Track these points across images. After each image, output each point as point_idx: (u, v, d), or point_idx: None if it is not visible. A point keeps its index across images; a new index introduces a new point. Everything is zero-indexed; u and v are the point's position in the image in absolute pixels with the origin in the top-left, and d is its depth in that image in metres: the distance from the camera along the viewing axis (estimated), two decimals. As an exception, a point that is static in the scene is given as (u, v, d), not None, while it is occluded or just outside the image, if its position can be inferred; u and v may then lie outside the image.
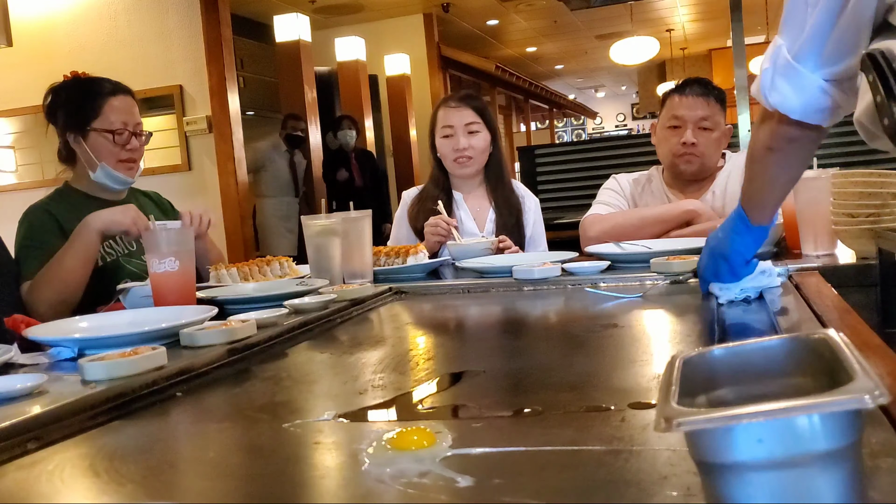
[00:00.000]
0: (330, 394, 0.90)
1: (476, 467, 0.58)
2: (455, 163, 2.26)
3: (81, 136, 1.90)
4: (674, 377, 0.48)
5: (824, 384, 0.44)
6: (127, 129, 1.92)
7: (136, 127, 1.95)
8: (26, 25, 5.05)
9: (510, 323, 1.39)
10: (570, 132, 19.45)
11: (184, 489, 0.63)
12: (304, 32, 5.88)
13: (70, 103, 1.92)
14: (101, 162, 1.89)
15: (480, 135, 2.25)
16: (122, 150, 1.91)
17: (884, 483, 0.47)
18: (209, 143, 4.92)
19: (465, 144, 2.23)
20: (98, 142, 1.89)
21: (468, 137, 2.23)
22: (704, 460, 0.42)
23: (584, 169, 4.44)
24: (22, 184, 5.20)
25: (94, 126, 1.89)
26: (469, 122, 2.24)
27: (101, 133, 1.89)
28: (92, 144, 1.89)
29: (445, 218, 2.13)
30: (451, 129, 2.25)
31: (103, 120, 1.89)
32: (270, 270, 1.77)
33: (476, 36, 9.50)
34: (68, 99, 1.92)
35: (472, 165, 2.26)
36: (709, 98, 2.14)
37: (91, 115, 1.89)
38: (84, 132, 1.89)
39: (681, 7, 9.32)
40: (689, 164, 2.16)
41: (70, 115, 1.91)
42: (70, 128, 1.91)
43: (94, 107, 1.89)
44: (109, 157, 1.90)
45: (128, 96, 1.96)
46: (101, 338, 1.08)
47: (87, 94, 1.91)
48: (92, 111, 1.89)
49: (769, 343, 0.51)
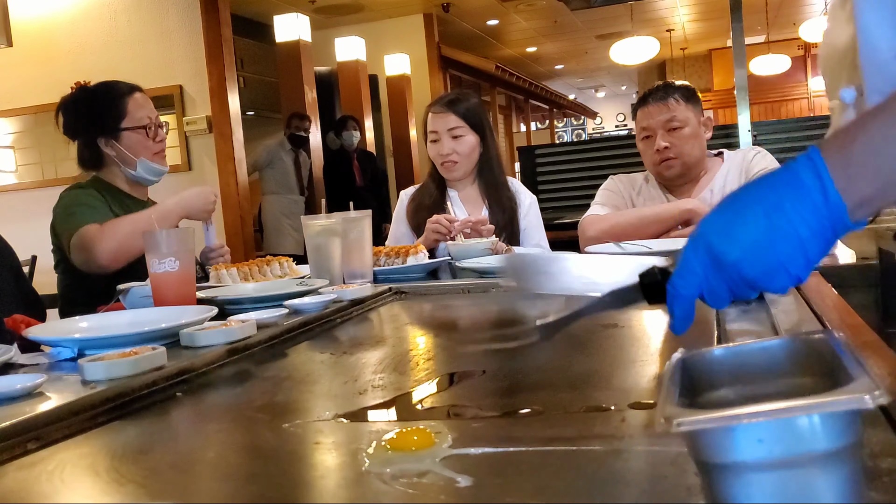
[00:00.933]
0: (330, 394, 0.90)
1: (476, 467, 0.58)
2: (442, 167, 2.30)
3: (114, 138, 1.97)
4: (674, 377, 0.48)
5: (824, 384, 0.44)
6: (153, 122, 2.01)
7: (157, 119, 2.04)
8: (26, 25, 5.05)
9: (510, 323, 1.39)
10: (570, 132, 19.45)
11: (184, 489, 0.63)
12: (304, 32, 5.88)
13: (93, 111, 1.98)
14: (140, 157, 1.98)
15: (465, 139, 2.26)
16: (154, 142, 2.01)
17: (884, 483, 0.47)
18: (209, 143, 4.92)
19: (449, 150, 2.25)
20: (132, 139, 1.98)
21: (452, 143, 2.26)
22: (704, 460, 0.42)
23: (584, 169, 4.43)
24: (22, 184, 5.20)
25: (124, 126, 1.97)
26: (452, 128, 2.25)
27: (133, 131, 1.97)
28: (126, 143, 1.98)
29: (448, 216, 2.14)
30: (436, 135, 2.28)
31: (131, 118, 1.98)
32: (270, 270, 1.77)
33: (476, 36, 9.50)
34: (89, 107, 1.99)
35: (458, 169, 2.28)
36: (668, 100, 2.16)
37: (119, 117, 1.97)
38: (116, 134, 1.97)
39: (681, 7, 9.32)
40: (671, 169, 2.18)
41: (96, 122, 1.98)
42: (100, 133, 1.98)
43: (119, 108, 1.98)
44: (146, 151, 1.99)
45: (143, 93, 2.05)
46: (101, 338, 1.08)
47: (109, 98, 1.99)
48: (119, 113, 1.97)
49: (769, 343, 0.51)
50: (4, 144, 5.34)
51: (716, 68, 12.32)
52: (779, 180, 0.54)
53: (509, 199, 2.31)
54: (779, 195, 0.53)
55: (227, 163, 4.87)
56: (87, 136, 1.99)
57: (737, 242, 0.53)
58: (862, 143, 0.52)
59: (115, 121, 1.97)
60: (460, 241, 2.06)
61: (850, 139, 0.53)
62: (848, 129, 0.54)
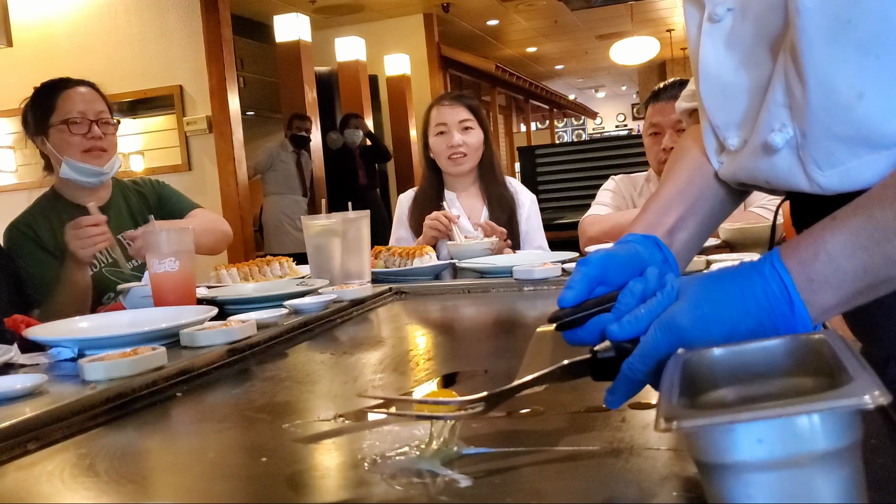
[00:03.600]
0: (330, 394, 0.90)
1: (476, 467, 0.58)
2: (449, 160, 2.27)
3: (44, 136, 1.85)
4: (674, 377, 0.48)
5: (824, 384, 0.44)
6: (86, 117, 1.85)
7: (98, 115, 1.87)
8: (26, 26, 5.05)
9: (510, 323, 1.39)
10: (571, 132, 19.45)
11: (184, 489, 0.63)
12: (305, 32, 5.88)
13: (33, 107, 1.88)
14: (65, 156, 1.83)
15: (474, 132, 2.26)
16: (84, 139, 1.84)
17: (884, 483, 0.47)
18: (209, 144, 4.92)
19: (460, 141, 2.24)
20: (59, 137, 1.84)
21: (462, 134, 2.25)
22: (704, 460, 0.42)
23: (584, 169, 4.43)
24: (22, 184, 5.19)
25: (52, 122, 1.84)
26: (463, 119, 2.25)
27: (58, 126, 1.83)
28: (54, 141, 1.84)
29: (447, 213, 2.13)
30: (444, 127, 2.26)
31: (59, 113, 1.84)
32: (270, 271, 1.76)
33: (476, 36, 9.49)
34: (32, 104, 1.89)
35: (467, 162, 2.27)
36: None
37: (49, 112, 1.85)
38: (46, 131, 1.85)
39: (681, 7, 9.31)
40: None
41: (34, 119, 1.87)
42: (36, 132, 1.87)
43: (50, 103, 1.85)
44: (72, 149, 1.83)
45: (87, 87, 1.90)
46: (101, 338, 1.08)
47: (45, 94, 1.87)
48: (49, 108, 1.85)
49: (769, 343, 0.51)
50: (4, 144, 5.34)
51: (716, 68, 12.30)
52: (748, 283, 0.56)
53: (509, 200, 2.31)
54: (747, 303, 0.55)
55: (227, 163, 4.87)
56: (28, 136, 1.89)
57: (710, 338, 0.55)
58: (823, 262, 0.55)
59: (46, 117, 1.83)
60: (460, 241, 2.06)
61: (810, 256, 0.56)
62: (807, 244, 0.57)
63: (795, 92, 0.65)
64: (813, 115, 0.63)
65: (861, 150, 0.62)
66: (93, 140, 1.85)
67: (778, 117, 0.67)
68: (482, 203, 2.32)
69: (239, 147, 4.93)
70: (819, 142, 0.64)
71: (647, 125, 2.22)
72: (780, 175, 0.68)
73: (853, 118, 0.62)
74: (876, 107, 0.60)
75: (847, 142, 0.63)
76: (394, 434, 0.67)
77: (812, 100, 0.63)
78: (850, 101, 0.61)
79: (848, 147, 0.63)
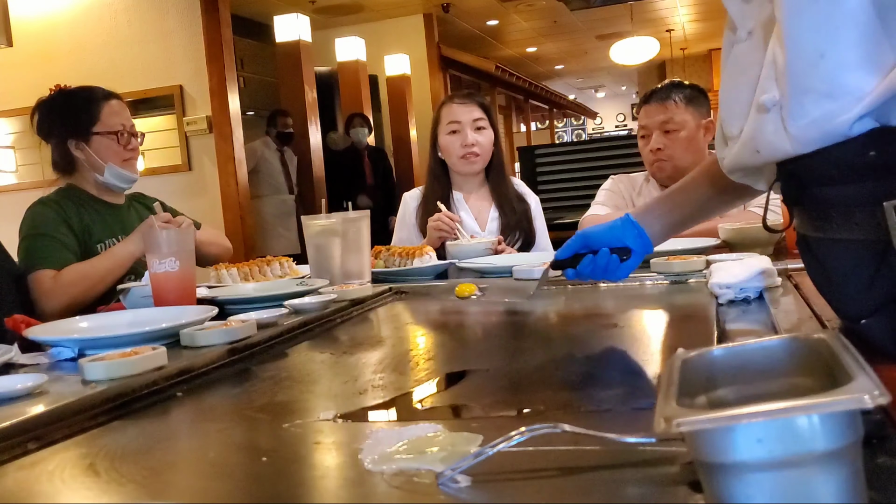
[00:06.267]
0: (330, 394, 0.90)
1: (476, 467, 0.58)
2: (462, 159, 2.23)
3: (84, 141, 2.00)
4: (674, 377, 0.48)
5: (824, 384, 0.44)
6: (126, 129, 2.04)
7: (132, 128, 2.08)
8: (26, 26, 5.05)
9: (510, 323, 1.39)
10: (570, 132, 19.45)
11: (184, 489, 0.63)
12: (305, 32, 5.88)
13: (67, 113, 2.01)
14: (108, 163, 2.00)
15: (487, 132, 2.25)
16: (125, 149, 2.03)
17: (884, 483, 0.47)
18: (209, 144, 4.91)
19: (473, 140, 2.22)
20: (102, 144, 2.01)
21: (476, 133, 2.23)
22: (704, 460, 0.42)
23: (584, 169, 4.43)
24: (22, 184, 5.19)
25: (95, 130, 2.00)
26: (477, 118, 2.24)
27: (104, 136, 2.01)
28: (96, 148, 2.00)
29: (449, 214, 2.12)
30: (458, 125, 2.23)
31: (103, 123, 2.01)
32: (270, 270, 1.77)
33: (476, 36, 9.49)
34: (64, 110, 2.01)
35: (479, 162, 2.25)
36: (668, 101, 2.18)
37: (91, 121, 2.00)
38: (87, 138, 2.00)
39: (681, 7, 9.32)
40: (661, 170, 2.23)
41: (69, 124, 2.01)
42: (71, 135, 2.00)
43: (92, 113, 2.01)
44: (115, 157, 2.02)
45: (120, 100, 2.09)
46: (102, 338, 1.08)
47: (84, 102, 2.02)
48: (92, 117, 2.01)
49: (769, 343, 0.51)
50: (4, 144, 5.33)
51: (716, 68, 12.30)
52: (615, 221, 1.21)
53: (520, 200, 2.30)
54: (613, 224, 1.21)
55: (227, 163, 4.87)
56: (59, 138, 2.01)
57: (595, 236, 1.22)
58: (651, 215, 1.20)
59: (88, 124, 2.00)
60: (467, 240, 2.06)
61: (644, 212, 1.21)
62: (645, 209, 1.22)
63: (779, 60, 0.76)
64: (790, 76, 0.75)
65: (823, 101, 0.73)
66: (131, 151, 2.06)
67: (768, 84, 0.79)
68: (490, 204, 2.30)
69: (239, 147, 4.92)
70: (793, 97, 0.75)
71: (639, 127, 2.28)
72: (768, 138, 0.79)
73: (818, 74, 0.73)
74: (833, 63, 0.72)
75: (813, 94, 0.74)
76: (394, 434, 0.67)
77: (789, 62, 0.75)
78: (815, 60, 0.73)
79: (814, 99, 0.74)
